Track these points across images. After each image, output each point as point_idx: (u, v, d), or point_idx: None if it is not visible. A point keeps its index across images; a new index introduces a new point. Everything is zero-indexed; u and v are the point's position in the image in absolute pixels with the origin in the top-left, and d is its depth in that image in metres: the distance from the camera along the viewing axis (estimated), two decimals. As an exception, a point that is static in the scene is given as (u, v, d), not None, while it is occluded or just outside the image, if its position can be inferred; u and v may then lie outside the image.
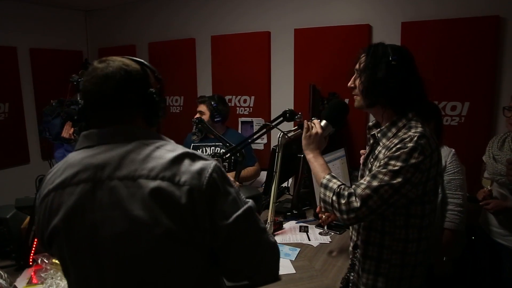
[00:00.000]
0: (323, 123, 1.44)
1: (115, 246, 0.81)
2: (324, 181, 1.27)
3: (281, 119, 1.84)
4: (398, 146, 1.16)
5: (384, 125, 1.28)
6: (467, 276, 2.28)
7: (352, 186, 1.21)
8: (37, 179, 1.52)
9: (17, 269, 1.59)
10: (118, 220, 0.80)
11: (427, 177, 1.17)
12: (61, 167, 0.89)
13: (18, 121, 3.88)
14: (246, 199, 0.89)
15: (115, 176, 0.82)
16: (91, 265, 0.83)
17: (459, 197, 1.99)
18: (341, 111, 1.50)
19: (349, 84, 1.33)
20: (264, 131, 1.91)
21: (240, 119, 3.51)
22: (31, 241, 1.61)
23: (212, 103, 2.73)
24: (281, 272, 1.53)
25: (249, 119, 3.50)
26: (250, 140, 2.03)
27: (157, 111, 0.92)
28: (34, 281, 1.51)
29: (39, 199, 0.90)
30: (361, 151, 1.52)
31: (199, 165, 0.83)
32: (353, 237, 1.39)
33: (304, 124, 1.43)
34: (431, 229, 1.30)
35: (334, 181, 1.25)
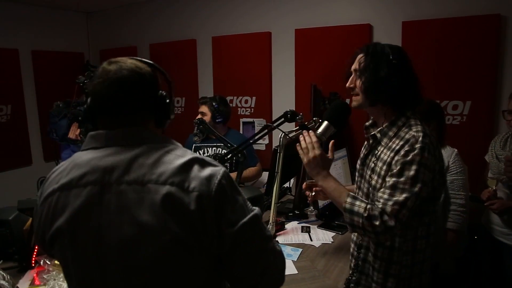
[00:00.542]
0: (325, 124, 1.44)
1: (121, 250, 0.80)
2: (347, 206, 1.20)
3: (282, 119, 1.84)
4: (406, 148, 1.16)
5: (383, 125, 1.28)
6: (470, 275, 2.27)
7: (374, 202, 1.19)
8: (39, 181, 1.52)
9: (19, 270, 1.59)
10: (125, 224, 0.79)
11: (433, 173, 1.19)
12: (67, 166, 0.87)
13: (20, 123, 3.90)
14: (252, 207, 0.89)
15: (123, 180, 0.81)
16: (95, 269, 0.82)
17: (461, 197, 1.99)
18: (343, 112, 1.50)
19: (348, 84, 1.33)
20: (265, 131, 1.91)
21: (241, 120, 3.51)
22: (33, 243, 1.62)
23: (213, 104, 2.72)
24: (283, 272, 1.53)
25: (251, 120, 3.50)
26: (251, 140, 2.03)
27: (168, 113, 0.91)
28: (36, 282, 1.51)
29: (41, 197, 0.88)
30: None
31: (208, 171, 0.83)
32: (355, 238, 1.38)
33: (297, 146, 1.35)
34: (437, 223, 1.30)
35: (357, 203, 1.19)
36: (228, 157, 2.00)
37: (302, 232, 2.00)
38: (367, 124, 1.41)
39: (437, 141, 1.24)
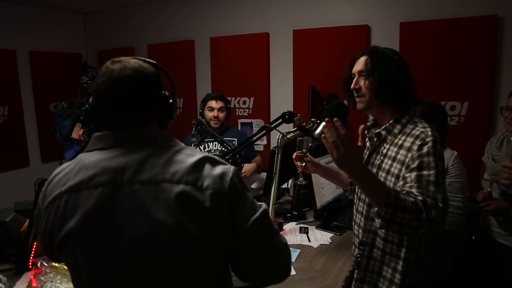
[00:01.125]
0: (323, 125, 1.44)
1: (136, 250, 0.80)
2: (392, 201, 1.07)
3: (280, 120, 1.84)
4: (419, 143, 1.20)
5: (388, 122, 1.32)
6: (468, 276, 2.27)
7: (412, 192, 1.14)
8: (36, 182, 1.51)
9: (16, 272, 1.58)
10: (140, 224, 0.79)
11: (443, 161, 1.23)
12: (73, 168, 0.85)
13: (17, 124, 3.88)
14: (260, 203, 0.91)
15: (136, 180, 0.81)
16: (110, 270, 0.81)
17: (459, 199, 1.99)
18: (340, 113, 1.49)
19: (353, 86, 1.34)
20: (263, 132, 1.91)
21: (239, 121, 3.51)
22: (30, 245, 1.61)
23: (226, 100, 2.80)
24: (281, 273, 1.53)
25: (249, 121, 3.50)
26: (249, 142, 2.03)
27: (171, 113, 0.92)
28: (33, 284, 1.50)
29: (46, 200, 0.86)
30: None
31: (219, 169, 0.84)
32: (359, 235, 1.38)
33: (325, 136, 1.13)
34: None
35: (402, 197, 1.09)
36: (226, 157, 1.99)
37: (300, 233, 1.99)
38: (369, 124, 1.44)
39: (438, 133, 1.27)
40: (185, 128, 3.02)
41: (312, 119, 2.03)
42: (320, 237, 1.94)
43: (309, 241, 1.90)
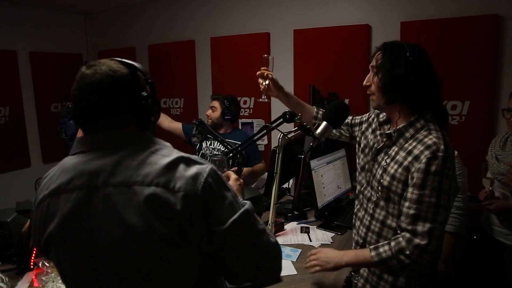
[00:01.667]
0: (323, 124, 1.44)
1: (112, 253, 0.80)
2: (376, 259, 1.18)
3: (281, 120, 1.84)
4: (428, 156, 1.13)
5: (399, 124, 1.26)
6: (469, 275, 2.27)
7: (401, 225, 1.17)
8: (36, 182, 1.52)
9: (18, 272, 1.59)
10: (114, 227, 0.79)
11: (453, 181, 1.18)
12: (56, 171, 0.88)
13: (18, 125, 3.89)
14: (243, 201, 0.88)
15: (109, 182, 0.81)
16: (89, 272, 0.83)
17: (459, 200, 1.99)
18: (341, 112, 1.49)
19: (365, 82, 1.31)
20: (264, 132, 1.91)
21: (240, 121, 3.51)
22: (31, 245, 1.61)
23: (225, 101, 2.80)
24: (283, 273, 1.52)
25: (249, 121, 3.50)
26: (250, 141, 2.03)
27: (149, 115, 0.89)
28: (35, 284, 1.50)
29: (34, 204, 0.90)
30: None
31: (194, 170, 0.82)
32: (362, 234, 1.38)
33: (308, 262, 1.34)
34: None
35: (382, 250, 1.18)
36: (228, 157, 1.99)
37: (301, 232, 1.99)
38: (381, 120, 1.38)
39: (453, 147, 1.22)
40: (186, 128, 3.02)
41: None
42: (321, 237, 1.94)
43: (310, 240, 1.90)
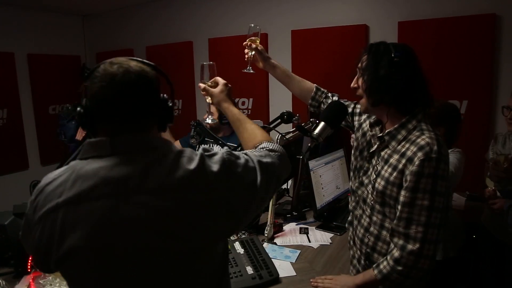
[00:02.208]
0: (321, 125, 1.43)
1: (146, 260, 0.78)
2: (379, 276, 1.19)
3: (279, 121, 1.84)
4: (421, 158, 1.11)
5: (390, 126, 1.23)
6: (469, 275, 2.27)
7: (394, 229, 1.17)
8: (31, 184, 1.49)
9: (15, 276, 1.58)
10: (147, 235, 0.77)
11: (447, 181, 1.16)
12: (68, 177, 0.79)
13: (16, 127, 3.88)
14: (253, 157, 0.94)
15: (140, 189, 0.77)
16: (120, 282, 0.79)
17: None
18: (339, 113, 1.49)
19: (352, 84, 1.29)
20: (262, 133, 1.91)
21: (238, 121, 3.51)
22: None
23: None
24: (282, 274, 1.52)
25: (248, 121, 3.50)
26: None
27: (171, 117, 0.89)
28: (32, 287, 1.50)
29: (37, 212, 0.79)
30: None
31: (217, 163, 0.85)
32: (359, 235, 1.36)
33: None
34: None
35: (382, 267, 1.19)
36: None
37: (300, 233, 1.99)
38: (371, 121, 1.35)
39: (446, 147, 1.19)
40: (184, 129, 3.02)
41: (311, 119, 2.03)
42: (320, 238, 1.94)
43: (309, 241, 1.90)
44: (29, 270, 1.59)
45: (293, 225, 2.11)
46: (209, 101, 1.33)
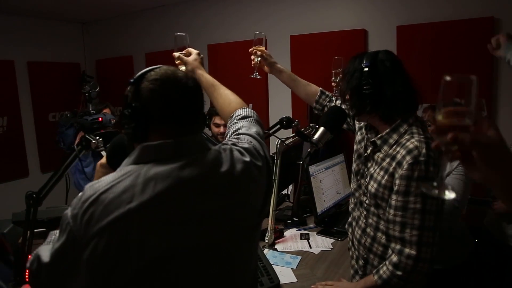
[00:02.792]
0: (321, 130, 1.43)
1: (234, 250, 0.87)
2: (379, 282, 1.19)
3: (279, 126, 1.83)
4: (409, 161, 1.11)
5: (382, 131, 1.25)
6: (471, 279, 2.25)
7: (389, 233, 1.18)
8: (28, 195, 1.44)
9: (14, 285, 1.56)
10: (231, 226, 0.86)
11: None
12: (134, 182, 0.75)
13: (16, 135, 3.88)
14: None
15: (213, 187, 0.83)
16: (210, 277, 0.84)
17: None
18: (339, 117, 1.49)
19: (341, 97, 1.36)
20: (262, 138, 1.90)
21: (238, 127, 3.51)
22: (25, 256, 1.59)
23: None
24: (283, 281, 1.51)
25: (248, 127, 3.49)
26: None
27: (205, 121, 1.02)
28: (32, 297, 1.48)
29: (97, 224, 0.71)
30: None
31: (248, 152, 0.94)
32: (357, 236, 1.36)
33: None
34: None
35: (381, 272, 1.19)
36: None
37: (301, 239, 1.98)
38: (362, 124, 1.39)
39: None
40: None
41: (310, 124, 2.03)
42: (321, 243, 1.93)
43: (310, 247, 1.88)
44: (27, 280, 1.58)
45: (293, 231, 2.10)
46: (183, 69, 1.39)
